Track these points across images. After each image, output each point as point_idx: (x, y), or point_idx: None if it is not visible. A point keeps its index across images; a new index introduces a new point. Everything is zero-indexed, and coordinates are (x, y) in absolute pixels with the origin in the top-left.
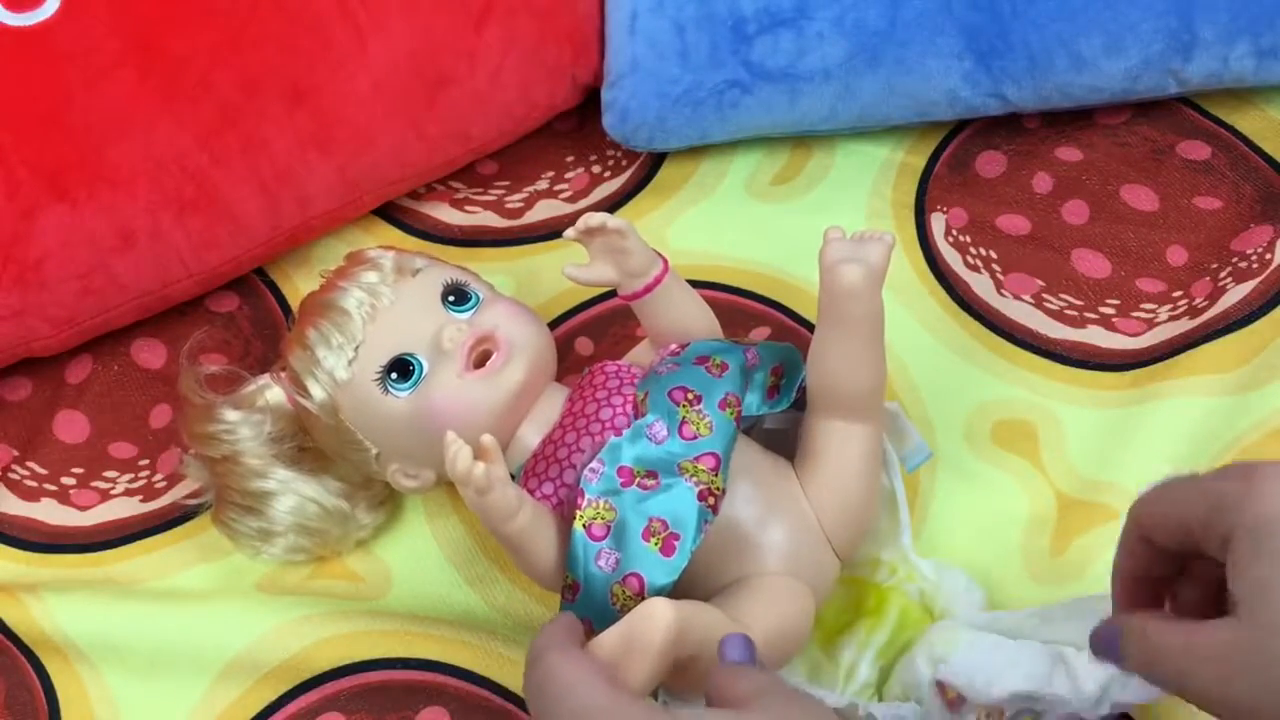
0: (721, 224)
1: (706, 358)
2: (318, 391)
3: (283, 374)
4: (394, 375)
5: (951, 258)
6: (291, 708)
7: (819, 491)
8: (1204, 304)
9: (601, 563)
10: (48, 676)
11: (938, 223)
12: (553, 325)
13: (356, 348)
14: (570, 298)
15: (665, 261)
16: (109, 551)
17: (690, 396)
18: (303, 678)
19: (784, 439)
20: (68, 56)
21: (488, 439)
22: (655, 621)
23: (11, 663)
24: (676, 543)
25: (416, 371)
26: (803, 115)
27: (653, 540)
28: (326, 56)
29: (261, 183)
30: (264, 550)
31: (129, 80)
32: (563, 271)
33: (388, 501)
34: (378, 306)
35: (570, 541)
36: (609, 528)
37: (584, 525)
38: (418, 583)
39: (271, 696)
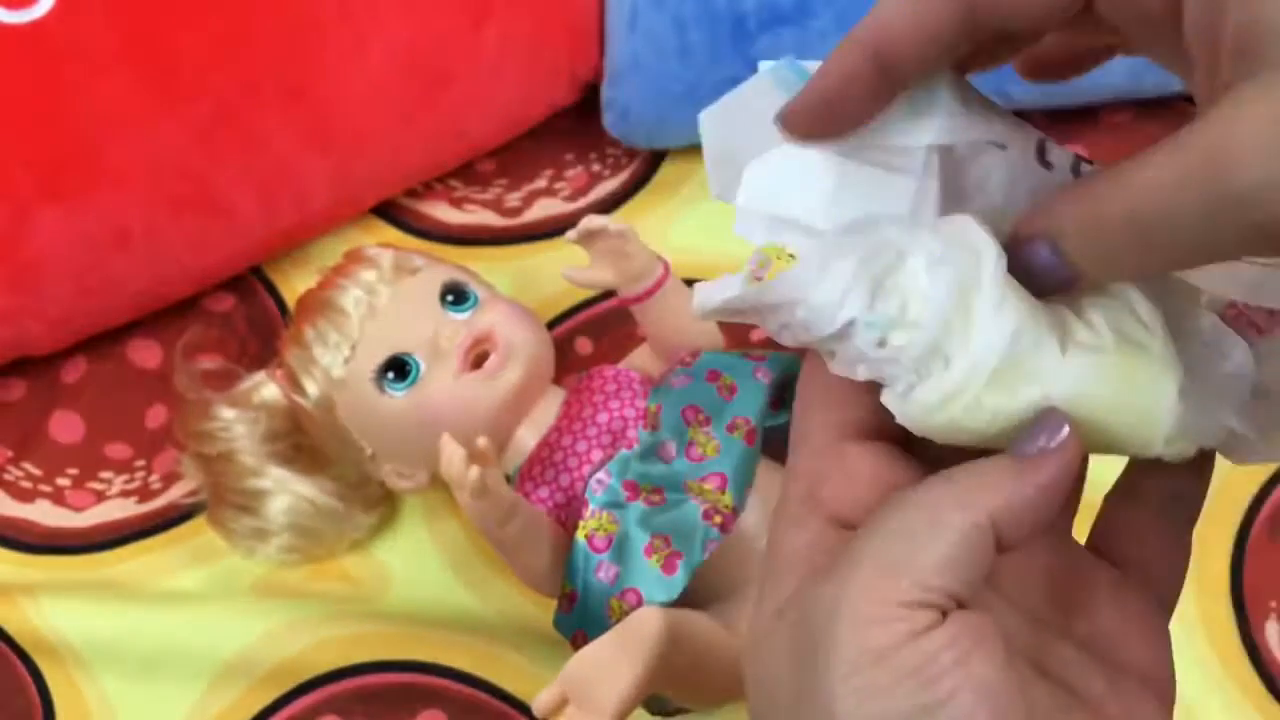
0: (722, 223)
1: (718, 374)
2: (313, 390)
3: (279, 371)
4: (390, 375)
5: None
6: (288, 710)
7: None
8: None
9: (601, 575)
10: (43, 679)
11: None
12: (552, 325)
13: (353, 346)
14: (570, 297)
15: (666, 266)
16: (105, 553)
17: (700, 417)
18: (300, 680)
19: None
20: (63, 54)
21: (483, 442)
22: (645, 631)
23: (6, 665)
24: (679, 561)
25: (413, 371)
26: None
27: (654, 557)
28: (324, 54)
29: (259, 181)
30: (259, 550)
31: (125, 78)
32: (562, 274)
33: (384, 502)
34: (375, 305)
35: (570, 551)
36: (611, 540)
37: (586, 536)
38: (415, 584)
39: (268, 699)
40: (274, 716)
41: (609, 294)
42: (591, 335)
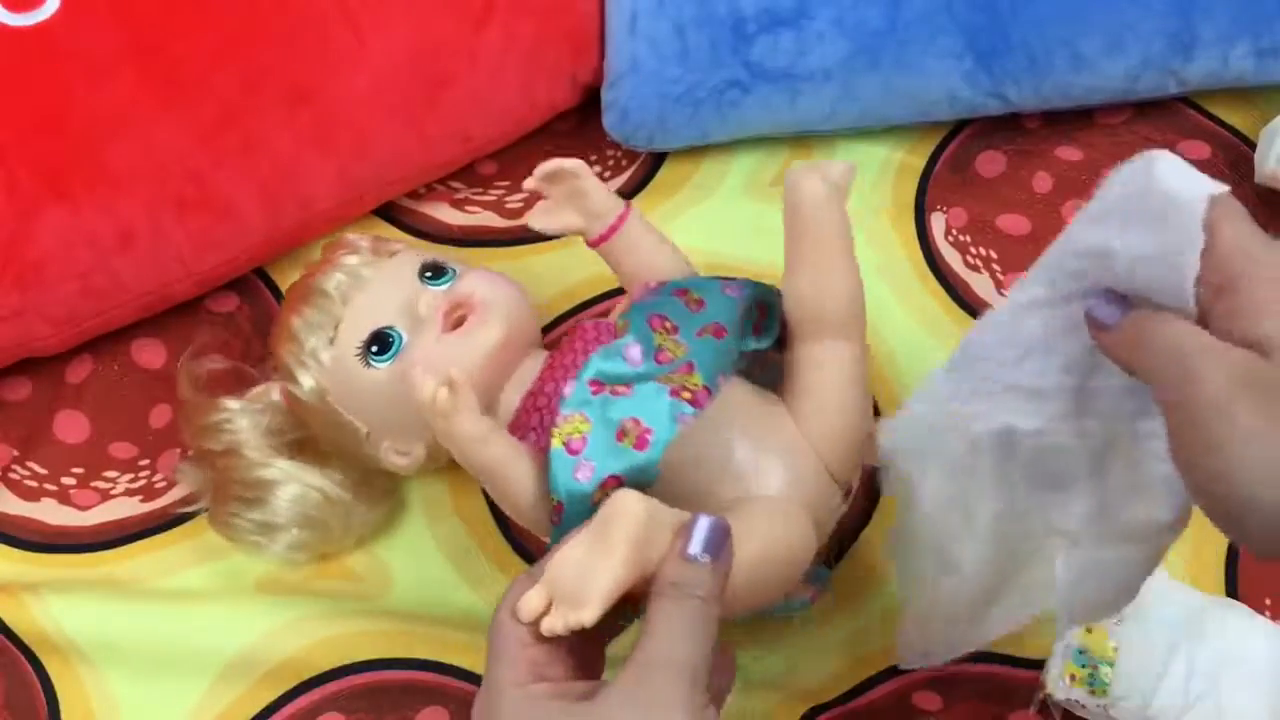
0: (721, 224)
1: (685, 291)
2: (305, 377)
3: (274, 371)
4: (374, 349)
5: (951, 257)
6: (291, 708)
7: (808, 418)
8: None
9: (581, 476)
10: (47, 676)
11: (938, 222)
12: (553, 325)
13: (337, 325)
14: (570, 298)
15: (628, 204)
16: (109, 551)
17: (668, 325)
18: (302, 678)
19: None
20: (68, 56)
21: (454, 372)
22: (622, 510)
23: (11, 662)
24: (650, 437)
25: (396, 343)
26: (803, 115)
27: (626, 440)
28: (327, 56)
29: (261, 183)
30: (265, 546)
31: (129, 80)
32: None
33: (389, 497)
34: (357, 286)
35: (550, 463)
36: (585, 439)
37: (563, 442)
38: (418, 583)
39: (271, 697)
40: (277, 714)
41: (610, 294)
42: None
